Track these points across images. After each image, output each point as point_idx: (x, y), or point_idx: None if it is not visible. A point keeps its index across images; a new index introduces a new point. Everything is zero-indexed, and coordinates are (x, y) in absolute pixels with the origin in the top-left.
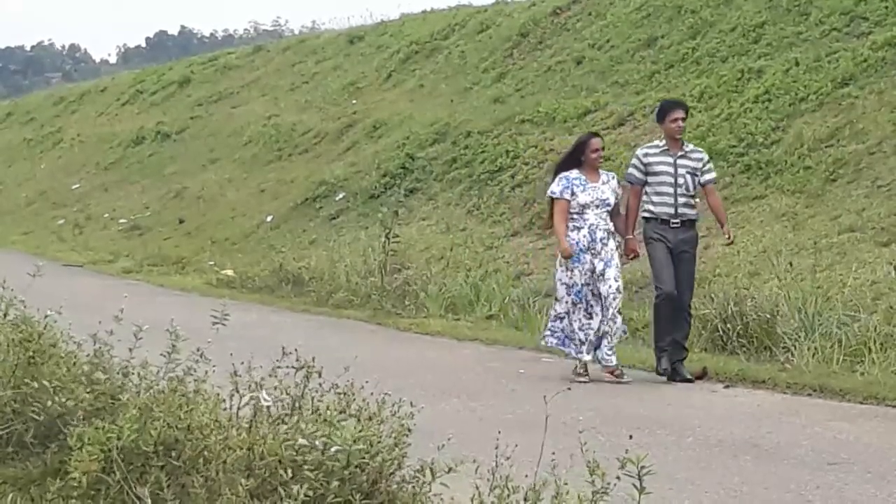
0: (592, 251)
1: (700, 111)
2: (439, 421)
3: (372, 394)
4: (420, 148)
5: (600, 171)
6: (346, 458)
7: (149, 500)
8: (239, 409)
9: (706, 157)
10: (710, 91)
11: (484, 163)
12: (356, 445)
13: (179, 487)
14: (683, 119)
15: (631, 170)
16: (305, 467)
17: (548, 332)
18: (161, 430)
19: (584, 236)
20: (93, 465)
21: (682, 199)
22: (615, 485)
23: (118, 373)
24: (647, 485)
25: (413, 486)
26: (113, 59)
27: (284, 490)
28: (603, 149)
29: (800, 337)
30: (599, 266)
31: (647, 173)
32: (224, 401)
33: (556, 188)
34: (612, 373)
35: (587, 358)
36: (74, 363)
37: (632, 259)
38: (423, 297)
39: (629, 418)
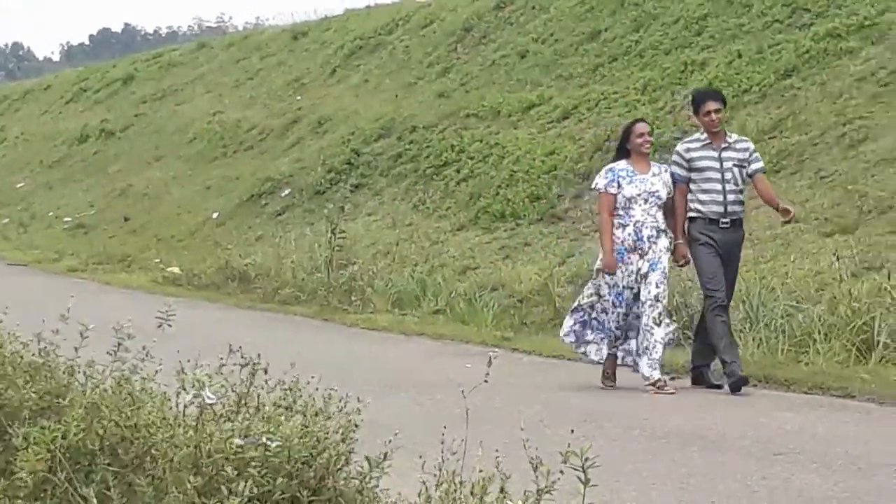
0: (640, 251)
1: (643, 104)
2: (386, 416)
3: (318, 389)
4: (365, 143)
5: (651, 162)
6: (288, 454)
7: (94, 500)
8: (185, 407)
9: (752, 146)
10: (654, 84)
11: (429, 157)
12: (298, 441)
13: (126, 486)
14: (717, 111)
15: (673, 167)
16: (252, 464)
17: (567, 329)
18: (107, 428)
19: (629, 234)
20: (39, 465)
21: (731, 196)
22: (560, 478)
23: (64, 372)
24: (594, 478)
25: (360, 482)
26: (56, 57)
27: (230, 487)
28: (651, 133)
29: (745, 328)
30: (644, 267)
31: (690, 169)
32: (170, 399)
33: (600, 181)
34: (654, 384)
35: (605, 353)
36: (20, 363)
37: (682, 266)
38: (369, 293)
39: (577, 411)
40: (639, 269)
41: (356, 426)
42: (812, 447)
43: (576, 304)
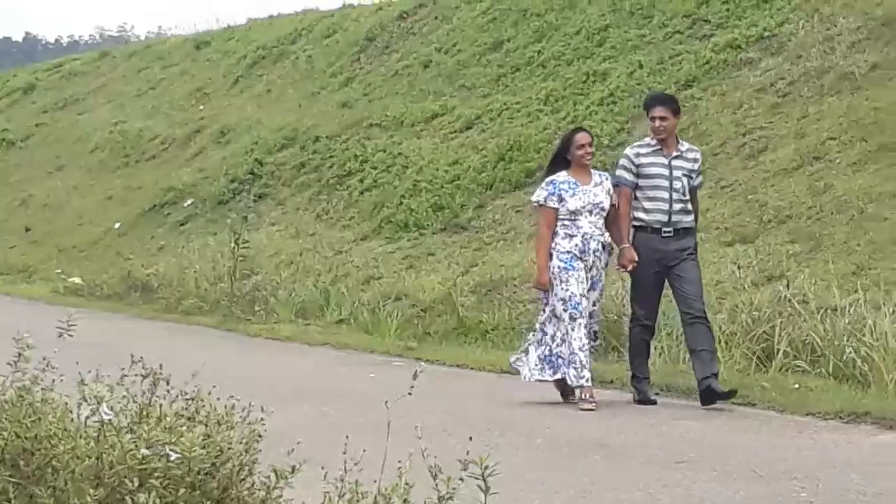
0: (585, 262)
1: (546, 114)
2: (290, 426)
3: (220, 399)
4: (268, 153)
5: (592, 171)
6: (190, 465)
7: None
8: (87, 418)
9: (700, 158)
10: (556, 94)
11: (332, 167)
12: (199, 452)
13: (27, 498)
14: (663, 118)
15: (620, 171)
16: (154, 476)
17: (521, 362)
18: (8, 440)
19: (576, 245)
20: None
21: (677, 206)
22: (460, 486)
23: None
24: (496, 486)
25: (263, 492)
26: None
27: (132, 499)
28: (592, 143)
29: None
30: (587, 283)
31: (638, 175)
32: (71, 410)
33: (539, 194)
34: (581, 392)
35: (587, 383)
36: None
37: (630, 271)
38: (273, 303)
39: (480, 420)
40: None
41: (259, 436)
42: (713, 455)
43: (536, 336)
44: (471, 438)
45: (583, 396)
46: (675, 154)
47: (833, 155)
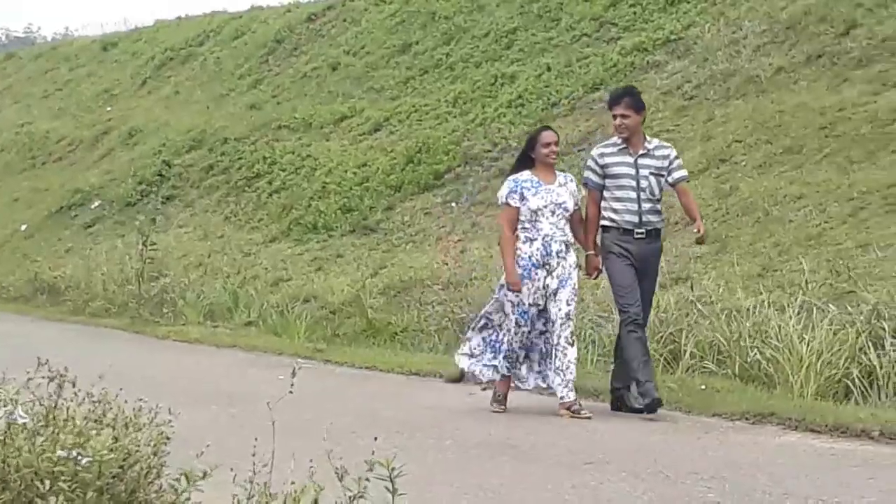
0: (547, 266)
1: (454, 116)
2: (199, 428)
3: (127, 402)
4: (176, 155)
5: (557, 171)
6: (98, 468)
7: None
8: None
9: (673, 153)
10: (465, 96)
11: (241, 169)
12: (107, 455)
13: None
14: (624, 115)
15: (587, 173)
16: (62, 479)
17: (465, 351)
18: None
19: (538, 249)
20: None
21: (646, 206)
22: (369, 487)
23: None
24: (404, 488)
25: (172, 495)
26: None
27: (40, 502)
28: (557, 143)
29: None
30: (553, 284)
31: (604, 176)
32: None
33: (502, 191)
34: (569, 408)
35: (503, 375)
36: None
37: (595, 278)
38: (181, 305)
39: (388, 422)
40: (546, 286)
41: (168, 439)
42: (621, 456)
43: (481, 321)
44: (375, 439)
45: (497, 395)
46: (641, 152)
47: (739, 157)
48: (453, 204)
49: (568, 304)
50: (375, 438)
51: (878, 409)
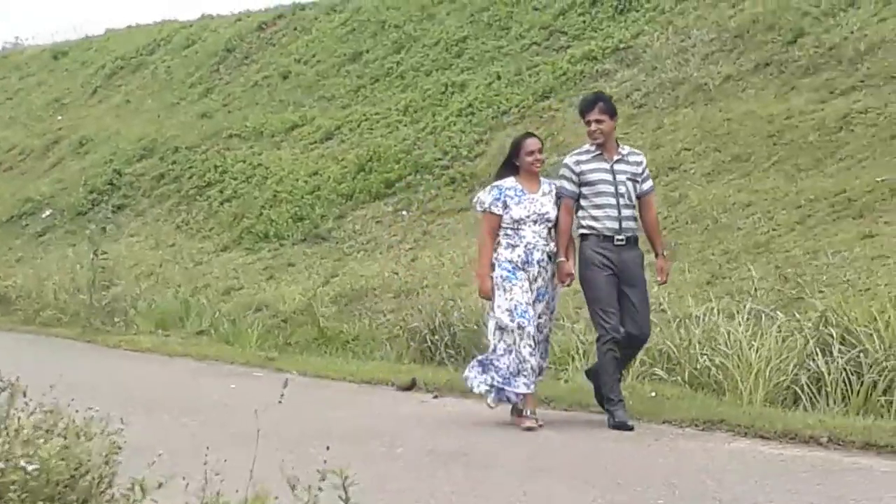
0: (528, 273)
1: (405, 125)
2: (150, 437)
3: (78, 411)
4: (127, 164)
5: (541, 179)
6: (48, 477)
7: None
8: None
9: (644, 161)
10: (415, 105)
11: (192, 178)
12: (58, 464)
13: None
14: (598, 120)
15: (561, 181)
16: (11, 488)
17: (482, 383)
18: None
19: (519, 255)
20: None
21: (626, 212)
22: (320, 496)
23: None
24: (357, 496)
25: None
26: None
27: None
28: (542, 150)
29: None
30: (532, 295)
31: (581, 184)
32: None
33: (484, 199)
34: (520, 415)
35: (533, 389)
36: None
37: (567, 285)
38: (132, 314)
39: (340, 431)
40: (530, 289)
41: (119, 448)
42: (573, 463)
43: (486, 357)
44: (328, 448)
45: (525, 412)
46: (616, 158)
47: (688, 165)
48: (404, 212)
49: (540, 318)
50: (328, 448)
51: (826, 416)
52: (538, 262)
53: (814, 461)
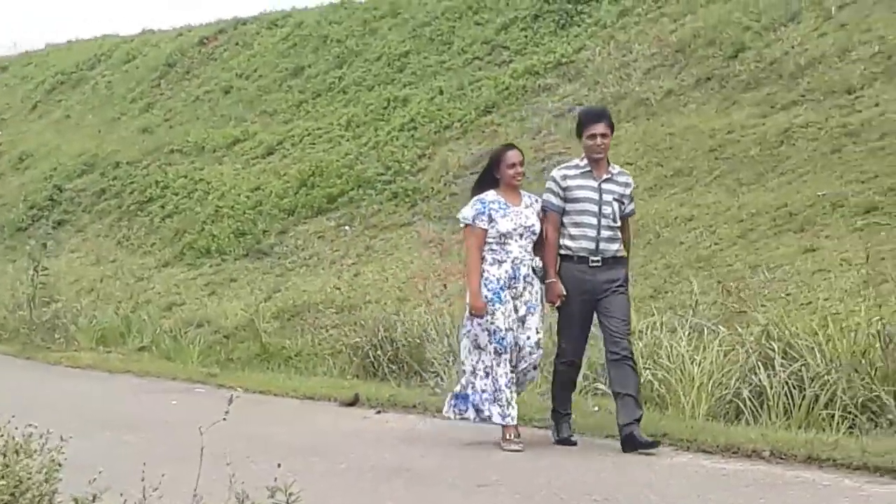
0: (514, 290)
1: (348, 140)
2: (91, 454)
3: (17, 428)
4: (68, 179)
5: (522, 192)
6: None
7: None
8: None
9: (632, 183)
10: (358, 119)
11: (133, 193)
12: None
13: None
14: (604, 135)
15: (547, 195)
16: None
17: (452, 403)
18: None
19: (506, 272)
20: None
21: (605, 233)
22: None
23: None
24: None
25: None
26: None
27: None
28: (523, 163)
29: (448, 361)
30: (521, 310)
31: (566, 199)
32: None
33: (468, 213)
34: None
35: (513, 421)
36: None
37: (557, 306)
38: (73, 330)
39: (283, 446)
40: (515, 310)
41: (59, 465)
42: (516, 478)
43: (460, 388)
44: (279, 465)
45: (507, 437)
46: (605, 177)
47: None
48: (347, 227)
49: (538, 333)
50: (279, 465)
51: (768, 430)
52: (524, 276)
53: (756, 475)
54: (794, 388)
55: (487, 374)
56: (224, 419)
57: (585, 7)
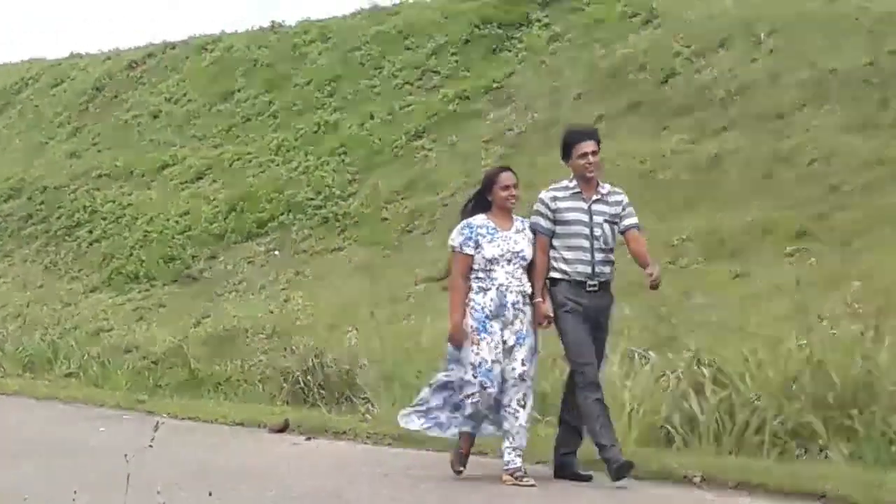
0: (503, 319)
1: (277, 164)
2: (17, 482)
3: None
4: None
5: (514, 216)
6: None
7: None
8: None
9: (626, 199)
10: (288, 144)
11: (61, 218)
12: None
13: None
14: (595, 152)
15: (535, 217)
16: None
17: (412, 411)
18: None
19: (492, 300)
20: None
21: (599, 256)
22: None
23: None
24: None
25: None
26: None
27: None
28: (517, 185)
29: (379, 387)
30: (510, 340)
31: (555, 222)
32: None
33: (455, 238)
34: (512, 475)
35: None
36: None
37: (545, 327)
38: None
39: (213, 473)
40: (504, 341)
41: None
42: (449, 502)
43: (436, 382)
44: (210, 493)
45: (510, 468)
46: (595, 198)
47: None
48: (277, 253)
49: (524, 365)
50: (210, 494)
51: (699, 456)
52: (513, 304)
53: (688, 501)
54: (725, 414)
55: (445, 390)
56: (150, 446)
57: (516, 32)
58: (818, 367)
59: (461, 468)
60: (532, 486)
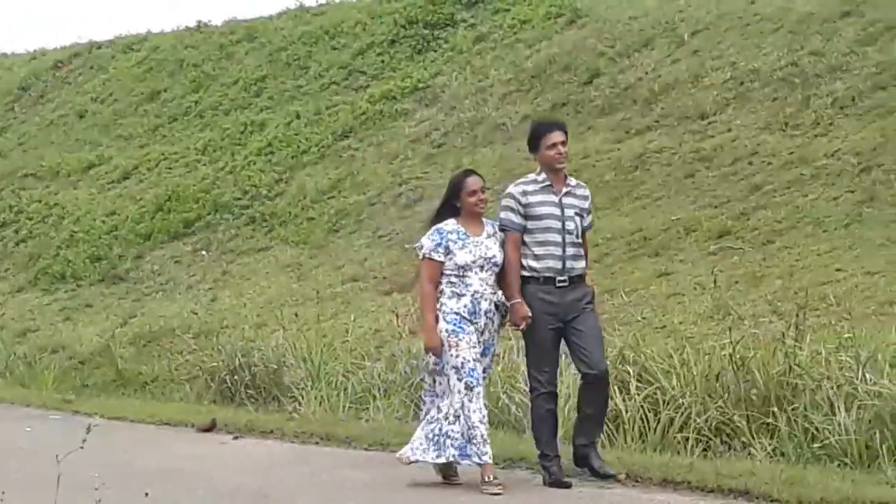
0: (475, 325)
1: (204, 164)
2: None
3: None
4: None
5: (484, 220)
6: None
7: None
8: None
9: (590, 195)
10: (214, 144)
11: None
12: None
13: None
14: (564, 143)
15: (505, 213)
16: None
17: (421, 445)
18: None
19: (465, 306)
20: None
21: (570, 250)
22: None
23: None
24: None
25: None
26: None
27: None
28: (484, 189)
29: (306, 386)
30: (478, 348)
31: (526, 217)
32: None
33: (425, 244)
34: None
35: (489, 460)
36: None
37: (522, 329)
38: None
39: (141, 473)
40: (479, 343)
41: None
42: (372, 502)
43: (426, 414)
44: (147, 494)
45: (486, 478)
46: (565, 190)
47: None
48: (203, 252)
49: (485, 372)
50: (147, 494)
51: (624, 453)
52: (485, 312)
53: (612, 498)
54: (650, 411)
55: (457, 417)
56: (82, 447)
57: (442, 33)
58: (741, 365)
59: (454, 475)
60: (500, 494)
